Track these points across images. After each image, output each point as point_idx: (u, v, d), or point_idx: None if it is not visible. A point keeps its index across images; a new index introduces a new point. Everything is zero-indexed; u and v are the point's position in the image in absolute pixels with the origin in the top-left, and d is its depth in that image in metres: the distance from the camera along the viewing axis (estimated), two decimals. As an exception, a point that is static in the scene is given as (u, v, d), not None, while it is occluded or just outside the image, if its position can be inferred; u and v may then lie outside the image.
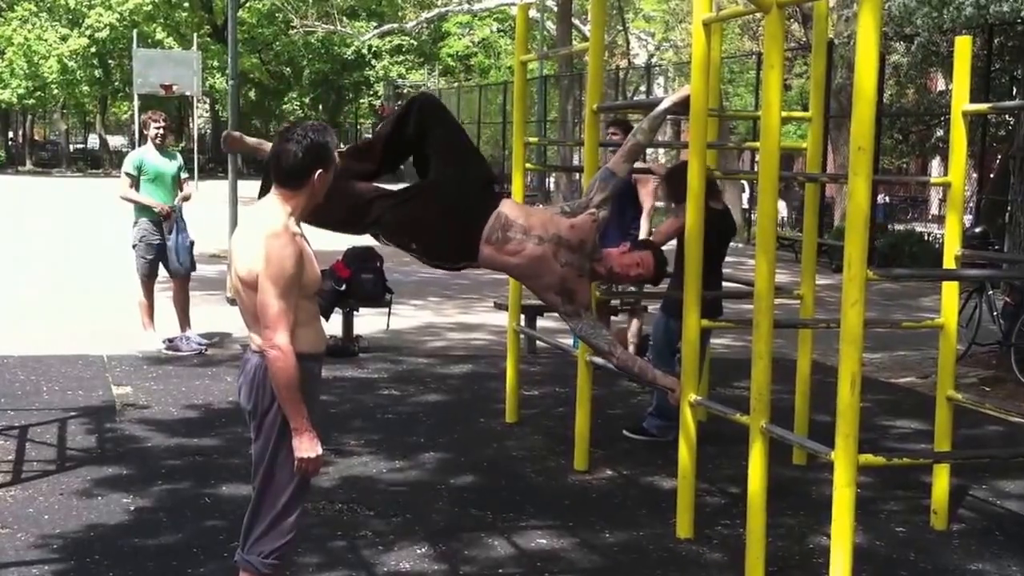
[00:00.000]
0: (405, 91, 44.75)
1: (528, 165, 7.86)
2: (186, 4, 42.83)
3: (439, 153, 5.08)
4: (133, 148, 36.07)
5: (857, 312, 4.21)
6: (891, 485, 6.50)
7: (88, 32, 39.51)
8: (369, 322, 10.70)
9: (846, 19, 24.68)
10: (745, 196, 26.28)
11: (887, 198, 29.73)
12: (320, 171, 3.90)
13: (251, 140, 5.38)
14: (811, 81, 6.83)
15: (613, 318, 10.46)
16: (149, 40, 38.83)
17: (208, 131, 59.34)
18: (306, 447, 3.88)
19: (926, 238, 20.55)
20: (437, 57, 43.94)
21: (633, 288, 7.23)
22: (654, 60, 34.58)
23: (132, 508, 5.70)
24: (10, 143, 48.22)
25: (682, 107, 5.40)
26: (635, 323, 9.68)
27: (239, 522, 5.38)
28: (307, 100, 47.50)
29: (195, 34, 32.91)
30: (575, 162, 18.63)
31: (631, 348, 9.70)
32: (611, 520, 5.81)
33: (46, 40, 39.91)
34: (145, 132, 9.88)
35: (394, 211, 4.97)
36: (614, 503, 6.13)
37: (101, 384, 8.33)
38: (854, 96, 4.11)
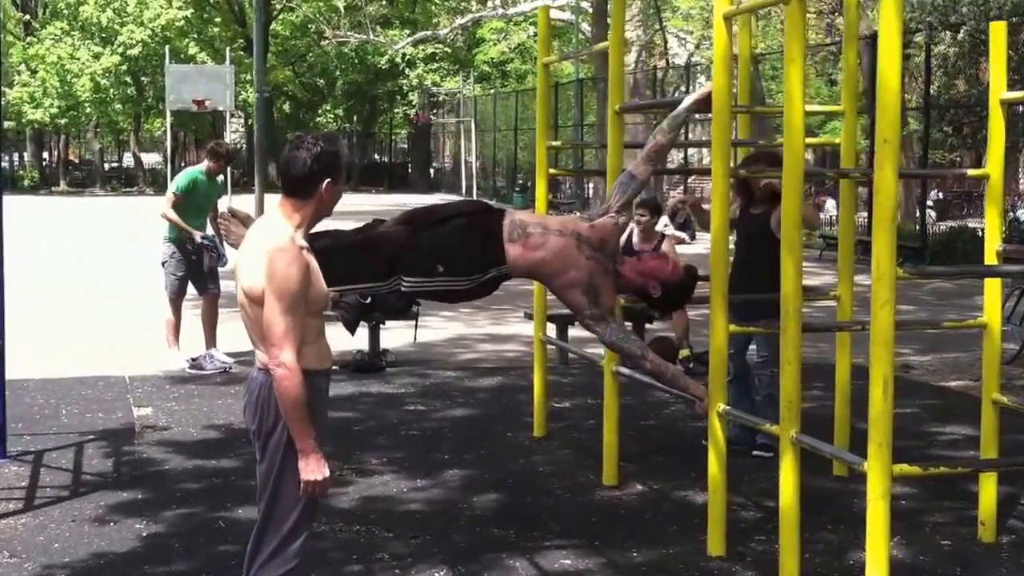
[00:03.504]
0: (440, 99, 44.69)
1: (552, 170, 7.63)
2: (218, 19, 42.94)
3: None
4: (166, 165, 36.45)
5: (887, 313, 3.97)
6: (936, 495, 6.20)
7: (120, 49, 39.60)
8: (397, 335, 10.50)
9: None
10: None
11: (940, 194, 29.20)
12: (329, 181, 3.72)
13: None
14: (843, 73, 6.56)
15: (648, 325, 10.23)
16: (182, 56, 38.92)
17: (243, 145, 59.67)
18: (312, 469, 3.69)
19: (979, 234, 20.09)
20: (472, 64, 43.82)
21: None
22: (694, 59, 34.23)
23: (144, 534, 5.52)
24: (44, 164, 48.56)
25: (705, 105, 5.16)
26: (682, 321, 9.48)
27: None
28: (341, 112, 47.48)
29: (227, 48, 32.88)
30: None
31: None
32: (640, 538, 5.57)
33: (78, 58, 40.04)
34: (208, 158, 9.78)
35: (408, 245, 4.77)
36: (644, 519, 5.88)
37: (122, 406, 8.18)
38: (878, 87, 3.87)
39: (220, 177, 10.40)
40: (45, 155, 52.35)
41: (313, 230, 4.89)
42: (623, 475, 6.51)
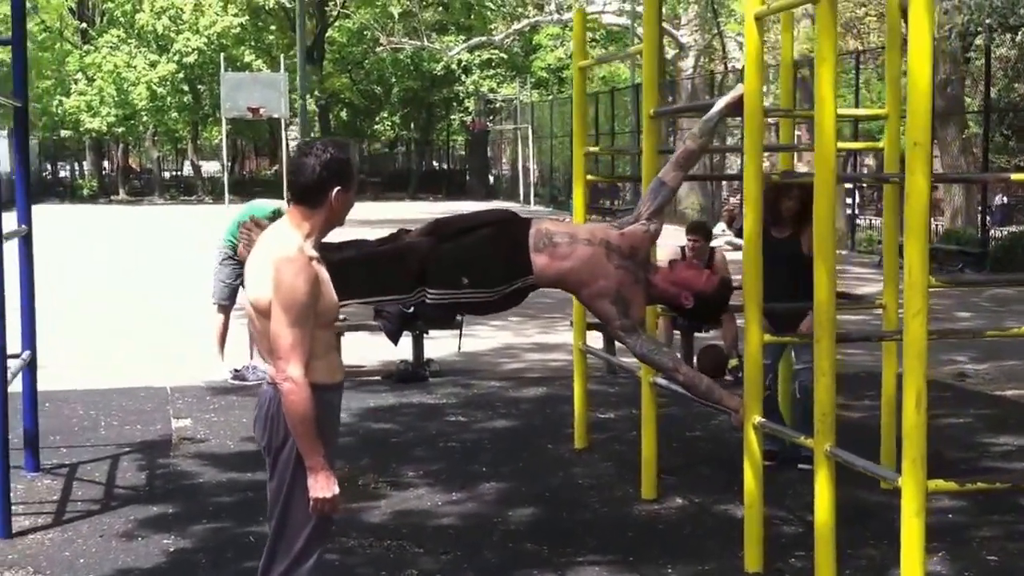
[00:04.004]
0: (497, 105, 44.60)
1: (590, 176, 7.50)
2: (273, 26, 43.19)
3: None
4: (224, 173, 36.63)
5: (920, 323, 3.79)
6: (986, 509, 5.98)
7: (176, 57, 39.90)
8: (443, 345, 10.41)
9: (945, 11, 23.87)
10: (853, 201, 25.42)
11: (1004, 198, 28.55)
12: (339, 188, 3.62)
13: None
14: (886, 75, 6.36)
15: (698, 334, 10.05)
16: (238, 63, 39.17)
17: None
18: (321, 486, 3.59)
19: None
20: (529, 70, 43.71)
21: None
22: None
23: (172, 549, 5.46)
24: (104, 173, 49.11)
25: (737, 108, 5.00)
26: (731, 330, 9.30)
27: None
28: (398, 119, 47.59)
29: (283, 55, 33.04)
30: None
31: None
32: (676, 553, 5.41)
33: (135, 67, 40.37)
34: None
35: (433, 256, 4.65)
36: (682, 534, 5.72)
37: (161, 417, 8.15)
38: (908, 89, 3.70)
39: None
40: (106, 164, 52.98)
41: (338, 240, 4.82)
42: (664, 488, 6.35)
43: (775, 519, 5.84)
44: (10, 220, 6.62)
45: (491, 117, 46.02)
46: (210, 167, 53.27)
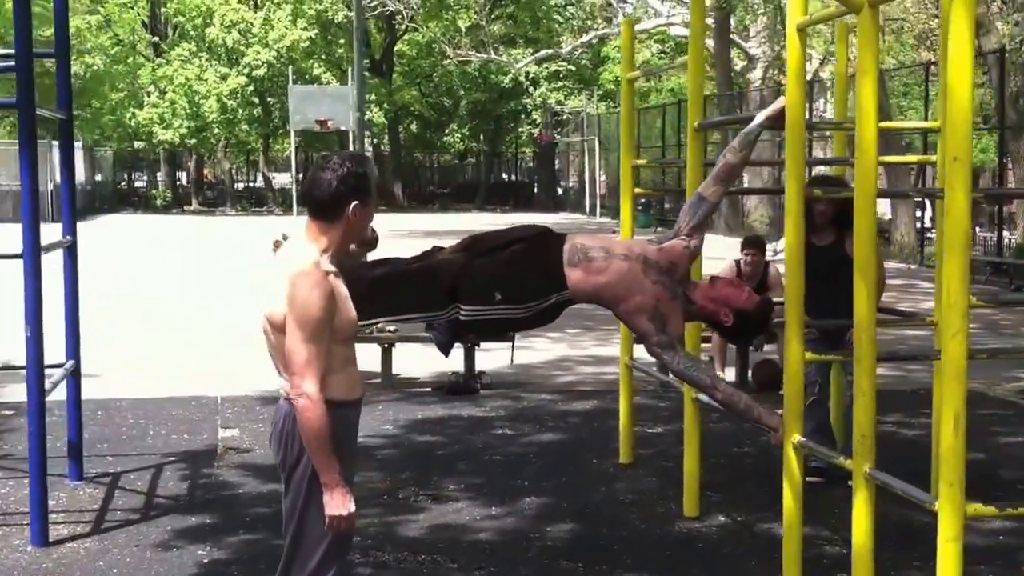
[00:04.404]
0: (564, 117, 44.55)
1: (637, 189, 7.40)
2: (342, 40, 43.51)
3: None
4: (294, 185, 36.89)
5: (959, 343, 3.65)
6: (1040, 533, 5.78)
7: (246, 70, 40.38)
8: (497, 357, 10.34)
9: (1016, 23, 23.41)
10: (924, 214, 24.97)
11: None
12: (356, 203, 3.57)
13: None
14: (939, 86, 6.18)
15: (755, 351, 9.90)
16: (307, 76, 39.51)
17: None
18: (337, 504, 3.54)
19: None
20: (596, 82, 43.60)
21: None
22: (820, 75, 33.48)
23: (205, 560, 5.44)
24: (178, 184, 49.81)
25: (778, 121, 4.88)
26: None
27: None
28: (466, 131, 47.72)
29: (349, 69, 33.28)
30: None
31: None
32: (713, 572, 5.31)
33: (206, 80, 40.91)
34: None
35: (466, 272, 4.59)
36: (721, 553, 5.60)
37: (209, 427, 8.17)
38: (948, 102, 3.57)
39: None
40: (183, 175, 53.74)
41: (372, 257, 4.78)
42: (707, 505, 6.24)
43: (819, 539, 5.70)
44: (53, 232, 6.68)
45: (559, 129, 45.96)
46: (283, 178, 53.81)
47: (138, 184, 55.40)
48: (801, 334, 4.89)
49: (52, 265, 6.33)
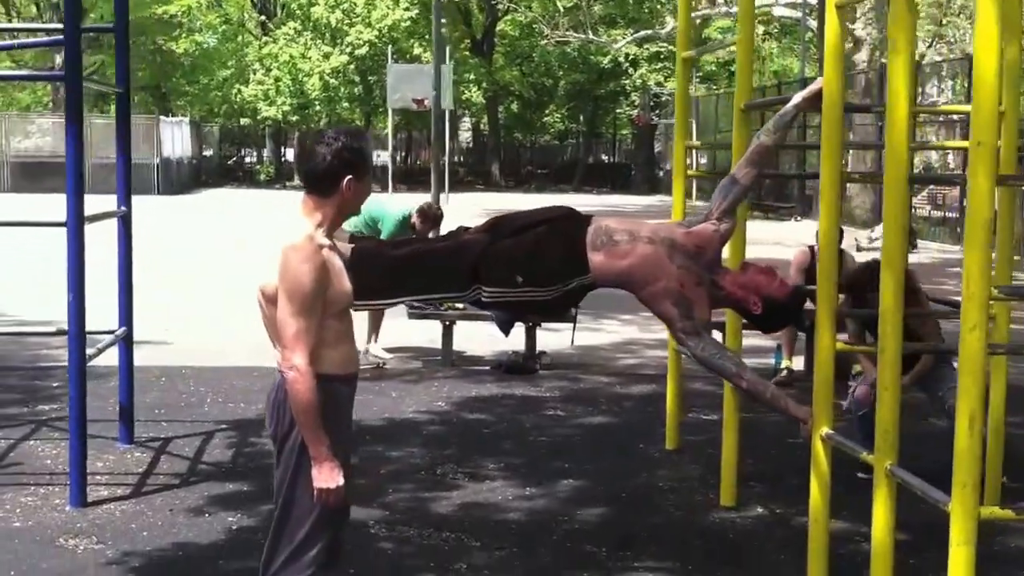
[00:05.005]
0: (664, 99, 44.10)
1: (689, 172, 7.29)
2: (443, 20, 43.59)
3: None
4: (391, 163, 37.22)
5: (977, 338, 3.50)
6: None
7: (348, 49, 40.72)
8: (561, 337, 10.30)
9: None
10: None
11: None
12: (351, 177, 3.56)
13: None
14: (1004, 68, 5.96)
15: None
16: (407, 56, 39.70)
17: (470, 144, 60.51)
18: (325, 477, 3.55)
19: None
20: (697, 63, 43.06)
21: None
22: (926, 59, 32.67)
23: (234, 527, 5.52)
24: (283, 159, 50.47)
25: (815, 102, 4.75)
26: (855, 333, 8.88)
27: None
28: (565, 112, 47.49)
29: (446, 48, 33.33)
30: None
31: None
32: (740, 564, 5.22)
33: (309, 58, 41.37)
34: (417, 216, 9.38)
35: (489, 253, 4.56)
36: (752, 545, 5.50)
37: (264, 397, 8.23)
38: (974, 84, 3.43)
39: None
40: (287, 152, 54.50)
41: (384, 236, 4.78)
42: (747, 496, 6.14)
43: (857, 535, 5.56)
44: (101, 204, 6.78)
45: (657, 111, 45.51)
46: (386, 156, 54.18)
47: (248, 159, 56.31)
48: (833, 325, 4.77)
49: (144, 231, 6.45)
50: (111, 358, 6.85)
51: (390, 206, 9.82)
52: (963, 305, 3.54)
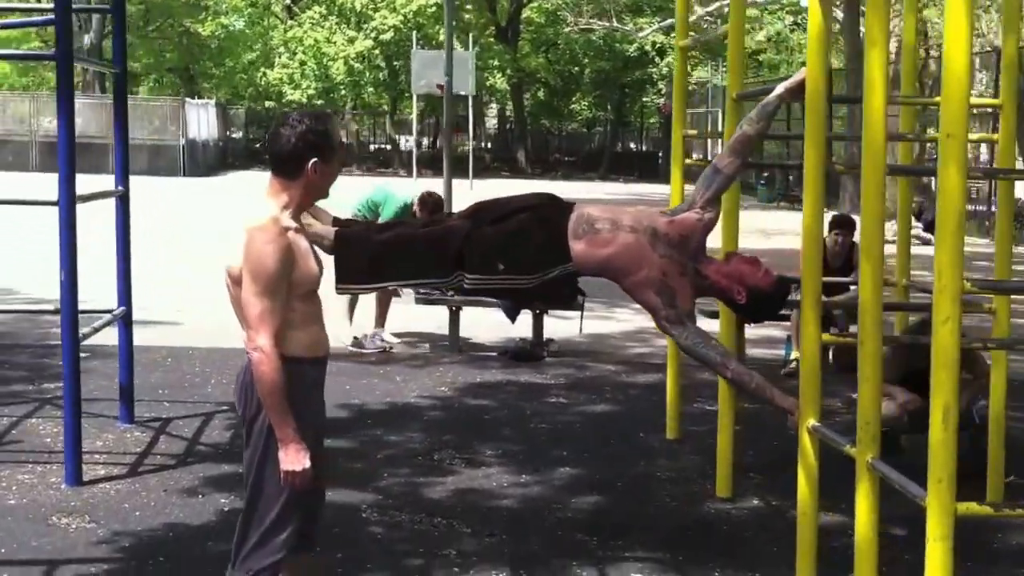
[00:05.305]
0: (691, 88, 43.86)
1: (688, 160, 7.26)
2: (468, 5, 43.56)
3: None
4: (415, 148, 37.26)
5: (949, 331, 3.46)
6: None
7: (373, 34, 40.73)
8: (570, 325, 10.29)
9: None
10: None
11: None
12: (315, 160, 3.56)
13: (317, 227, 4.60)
14: (1002, 61, 5.91)
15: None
16: (433, 42, 39.68)
17: (495, 130, 60.39)
18: (291, 459, 3.55)
19: None
20: (724, 53, 42.81)
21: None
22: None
23: (226, 509, 5.53)
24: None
25: (799, 92, 4.73)
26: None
27: (327, 529, 5.16)
28: (592, 99, 47.34)
29: (470, 34, 33.35)
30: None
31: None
32: (730, 556, 5.19)
33: (334, 42, 41.40)
34: (417, 204, 9.50)
35: (471, 240, 4.54)
36: (743, 537, 5.48)
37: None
38: (944, 74, 3.39)
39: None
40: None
41: (381, 221, 4.77)
42: (745, 487, 6.12)
43: (851, 529, 5.51)
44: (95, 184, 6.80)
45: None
46: (412, 141, 54.19)
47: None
48: (818, 316, 4.74)
49: (168, 211, 6.46)
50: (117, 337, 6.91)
51: (396, 191, 9.83)
52: (935, 298, 3.50)
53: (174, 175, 35.90)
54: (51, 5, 5.36)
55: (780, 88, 4.77)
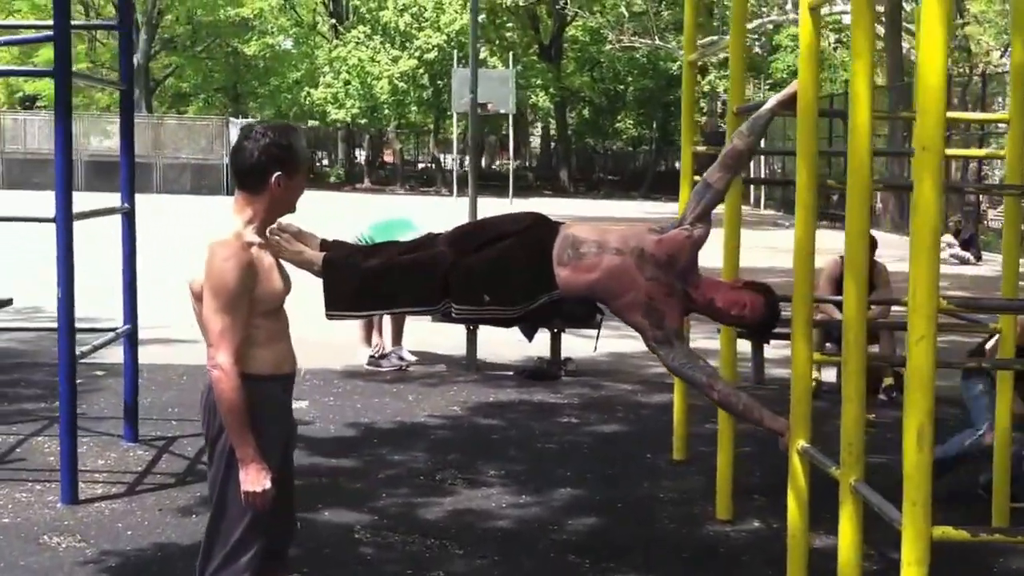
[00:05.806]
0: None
1: (696, 177, 7.16)
2: (509, 24, 43.72)
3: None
4: (459, 166, 37.33)
5: (923, 350, 3.37)
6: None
7: (417, 53, 40.96)
8: (590, 344, 10.18)
9: None
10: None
11: None
12: (279, 174, 3.53)
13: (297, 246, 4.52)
14: (1011, 74, 5.78)
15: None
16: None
17: (539, 148, 60.45)
18: (252, 480, 3.52)
19: None
20: (767, 71, 42.66)
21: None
22: (995, 68, 31.97)
23: (220, 529, 5.50)
24: (355, 161, 50.83)
25: (790, 105, 4.66)
26: (888, 344, 8.65)
27: (318, 550, 5.13)
28: (637, 118, 47.30)
29: (511, 53, 33.47)
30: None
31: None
32: (722, 580, 5.09)
33: (378, 61, 41.65)
34: None
35: (456, 269, 4.50)
36: (739, 561, 5.38)
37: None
38: (918, 86, 3.31)
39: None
40: (358, 154, 54.96)
41: (367, 247, 4.75)
42: (747, 508, 6.02)
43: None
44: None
45: (723, 119, 45.20)
46: (453, 160, 54.45)
47: (325, 162, 56.87)
48: (809, 335, 4.66)
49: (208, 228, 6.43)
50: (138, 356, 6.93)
51: (416, 223, 9.76)
52: (909, 317, 3.41)
53: (217, 193, 36.19)
54: (50, 22, 5.38)
55: (772, 101, 4.73)
